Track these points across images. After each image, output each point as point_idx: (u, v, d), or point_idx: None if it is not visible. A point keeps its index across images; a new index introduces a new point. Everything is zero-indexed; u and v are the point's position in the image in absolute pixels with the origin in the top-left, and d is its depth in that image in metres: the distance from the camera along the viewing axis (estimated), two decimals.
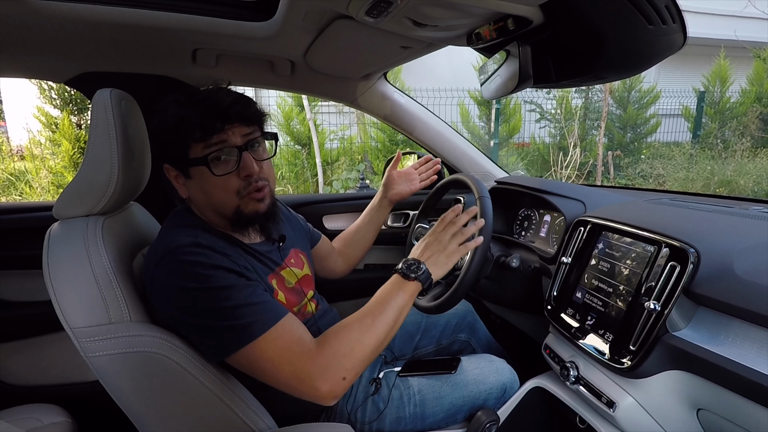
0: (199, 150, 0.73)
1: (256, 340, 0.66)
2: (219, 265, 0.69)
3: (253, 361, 0.67)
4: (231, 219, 0.79)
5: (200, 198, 0.78)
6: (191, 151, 0.73)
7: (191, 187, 0.78)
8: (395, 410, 0.94)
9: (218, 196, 0.76)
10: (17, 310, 1.20)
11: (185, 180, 0.78)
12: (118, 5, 0.86)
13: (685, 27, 0.67)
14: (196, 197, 0.79)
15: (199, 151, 0.73)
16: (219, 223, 0.82)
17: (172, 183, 0.80)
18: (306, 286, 0.94)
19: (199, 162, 0.73)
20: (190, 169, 0.75)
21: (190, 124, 0.71)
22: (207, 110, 0.72)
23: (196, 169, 0.74)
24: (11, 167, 5.03)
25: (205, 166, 0.73)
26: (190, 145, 0.73)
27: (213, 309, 0.67)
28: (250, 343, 0.66)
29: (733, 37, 6.57)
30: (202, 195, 0.77)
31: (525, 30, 0.73)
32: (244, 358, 0.67)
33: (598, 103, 6.46)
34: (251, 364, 0.68)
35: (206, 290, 0.67)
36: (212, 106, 0.72)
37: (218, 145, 0.73)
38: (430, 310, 1.01)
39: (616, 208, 1.00)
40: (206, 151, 0.73)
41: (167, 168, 0.78)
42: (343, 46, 1.02)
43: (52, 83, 4.53)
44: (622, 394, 0.79)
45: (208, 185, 0.75)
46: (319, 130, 5.30)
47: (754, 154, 5.61)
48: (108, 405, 0.73)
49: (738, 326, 0.65)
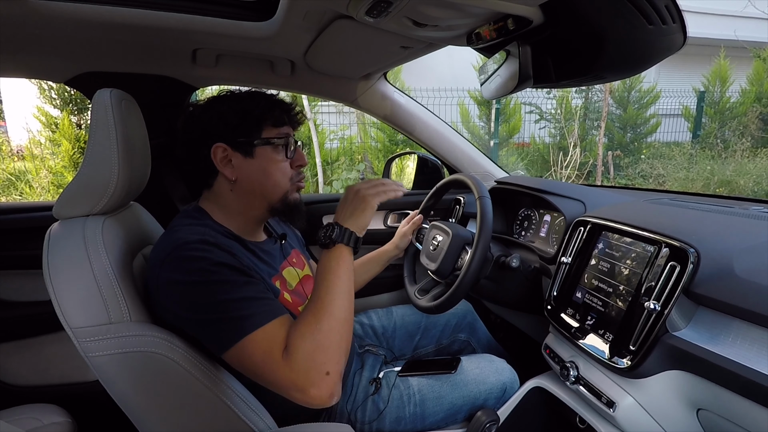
0: (273, 133, 0.83)
1: (246, 337, 0.65)
2: (224, 263, 0.70)
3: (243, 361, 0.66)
4: (275, 204, 0.85)
5: (255, 177, 0.82)
6: (265, 132, 0.82)
7: (249, 167, 0.82)
8: (395, 410, 0.94)
9: (276, 177, 0.83)
10: (17, 310, 1.20)
11: (243, 159, 0.81)
12: (118, 5, 0.86)
13: (685, 27, 0.67)
14: (250, 177, 0.82)
15: (273, 134, 0.83)
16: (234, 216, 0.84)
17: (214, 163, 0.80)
18: (307, 287, 0.94)
19: (271, 142, 0.82)
20: (257, 149, 0.81)
21: (273, 111, 0.82)
22: (282, 105, 0.85)
23: (264, 149, 0.82)
24: (11, 167, 5.03)
25: (272, 147, 0.82)
26: (265, 127, 0.82)
27: (214, 302, 0.67)
28: (241, 340, 0.65)
29: (733, 37, 6.58)
30: (259, 175, 0.82)
31: (525, 30, 0.73)
32: (236, 358, 0.66)
33: (598, 103, 6.46)
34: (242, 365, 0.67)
35: (210, 284, 0.67)
36: (285, 103, 0.86)
37: (286, 135, 0.84)
38: (430, 310, 1.01)
39: (616, 208, 1.00)
40: (277, 136, 0.83)
41: (219, 147, 0.80)
42: (343, 46, 1.02)
43: (52, 83, 4.54)
44: (622, 394, 0.79)
45: (271, 165, 0.82)
46: (319, 130, 5.31)
47: (754, 154, 5.60)
48: (108, 405, 0.73)
49: (738, 326, 0.65)
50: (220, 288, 0.67)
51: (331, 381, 0.64)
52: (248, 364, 0.66)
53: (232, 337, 0.65)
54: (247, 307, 0.67)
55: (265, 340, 0.65)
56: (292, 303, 0.86)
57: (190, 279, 0.67)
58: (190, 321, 0.69)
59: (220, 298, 0.67)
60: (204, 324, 0.68)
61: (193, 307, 0.68)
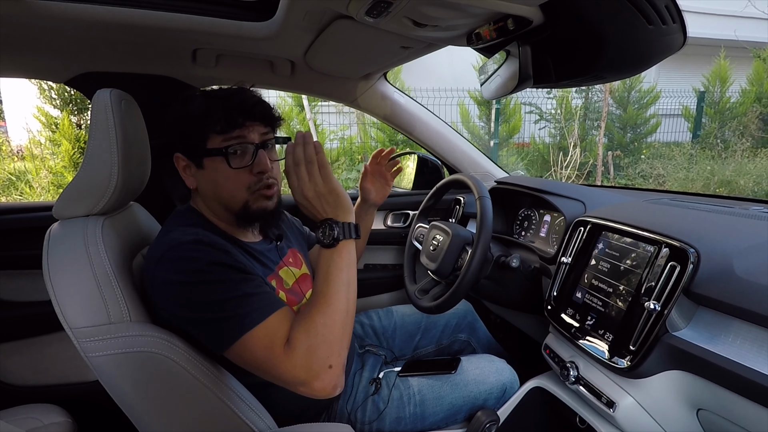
0: (218, 142, 0.76)
1: (247, 333, 0.65)
2: (220, 262, 0.69)
3: (246, 358, 0.66)
4: (237, 213, 0.80)
5: (209, 189, 0.79)
6: (210, 141, 0.76)
7: (202, 177, 0.79)
8: (395, 410, 0.94)
9: (229, 189, 0.78)
10: (17, 310, 1.20)
11: (196, 170, 0.79)
12: (118, 5, 0.86)
13: (685, 27, 0.67)
14: (205, 188, 0.80)
15: (218, 143, 0.76)
16: (222, 217, 0.82)
17: (179, 172, 0.80)
18: (304, 286, 0.94)
19: (217, 153, 0.75)
20: (205, 160, 0.77)
21: (215, 115, 0.74)
22: (232, 105, 0.76)
23: (212, 159, 0.76)
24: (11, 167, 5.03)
25: (221, 158, 0.75)
26: (209, 136, 0.75)
27: (212, 302, 0.67)
28: (242, 337, 0.65)
29: (733, 37, 6.58)
30: (212, 186, 0.78)
31: (525, 30, 0.73)
32: (238, 354, 0.67)
33: (598, 103, 6.46)
34: (245, 361, 0.67)
35: (206, 283, 0.67)
36: (238, 103, 0.76)
37: (237, 140, 0.76)
38: (430, 310, 1.01)
39: (616, 208, 1.00)
40: (225, 144, 0.75)
41: (178, 157, 0.79)
42: (343, 46, 1.02)
43: (52, 83, 4.54)
44: (622, 394, 0.79)
45: (221, 177, 0.77)
46: (319, 130, 5.31)
47: (754, 154, 5.60)
48: (108, 405, 0.73)
49: (738, 326, 0.65)
50: (216, 287, 0.67)
51: (334, 373, 0.65)
52: (250, 361, 0.66)
53: (231, 335, 0.65)
54: (246, 304, 0.67)
55: (266, 335, 0.66)
56: (289, 302, 0.85)
57: (186, 279, 0.67)
58: (188, 320, 0.69)
59: (218, 297, 0.66)
60: (202, 323, 0.68)
61: (190, 306, 0.68)
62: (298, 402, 0.88)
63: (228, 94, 0.77)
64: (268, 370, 0.65)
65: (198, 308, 0.67)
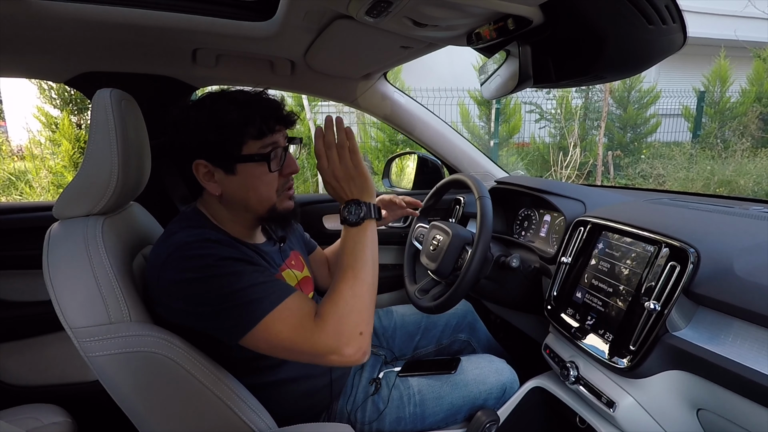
0: (256, 148, 0.77)
1: (269, 315, 0.67)
2: (227, 257, 0.70)
3: (271, 339, 0.67)
4: (263, 216, 0.82)
5: (238, 195, 0.79)
6: (246, 147, 0.76)
7: (231, 183, 0.78)
8: (395, 410, 0.94)
9: (262, 193, 0.79)
10: (17, 310, 1.20)
11: (224, 176, 0.78)
12: (118, 5, 0.86)
13: (685, 27, 0.67)
14: (233, 193, 0.79)
15: (256, 149, 0.77)
16: (236, 221, 0.83)
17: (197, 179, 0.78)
18: (306, 288, 0.94)
19: (258, 158, 0.77)
20: (238, 166, 0.77)
21: (253, 122, 0.75)
22: (265, 111, 0.77)
23: (245, 165, 0.77)
24: (11, 167, 5.03)
25: (257, 163, 0.77)
26: (246, 142, 0.76)
27: (224, 294, 0.67)
28: (263, 319, 0.66)
29: (733, 37, 6.57)
30: (242, 192, 0.79)
31: (525, 30, 0.73)
32: (262, 338, 0.67)
33: (598, 103, 6.46)
34: (270, 343, 0.68)
35: (218, 277, 0.67)
36: (269, 108, 0.78)
37: (272, 145, 0.78)
38: (430, 310, 1.01)
39: (616, 208, 1.00)
40: (263, 150, 0.77)
41: (201, 164, 0.77)
42: (343, 46, 1.02)
43: (52, 83, 4.54)
44: (622, 394, 0.79)
45: (255, 181, 0.78)
46: None
47: (754, 154, 5.61)
48: (108, 405, 0.73)
49: (738, 326, 0.65)
50: (229, 279, 0.68)
51: (363, 340, 0.69)
52: (276, 341, 0.67)
53: (251, 319, 0.66)
54: (261, 290, 0.68)
55: (291, 313, 0.68)
56: None
57: (196, 276, 0.67)
58: (201, 315, 0.68)
59: (233, 287, 0.67)
60: (218, 314, 0.67)
61: (203, 301, 0.68)
62: (297, 402, 0.89)
63: (256, 99, 0.78)
64: (298, 345, 0.67)
65: (212, 301, 0.67)
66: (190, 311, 0.69)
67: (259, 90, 0.82)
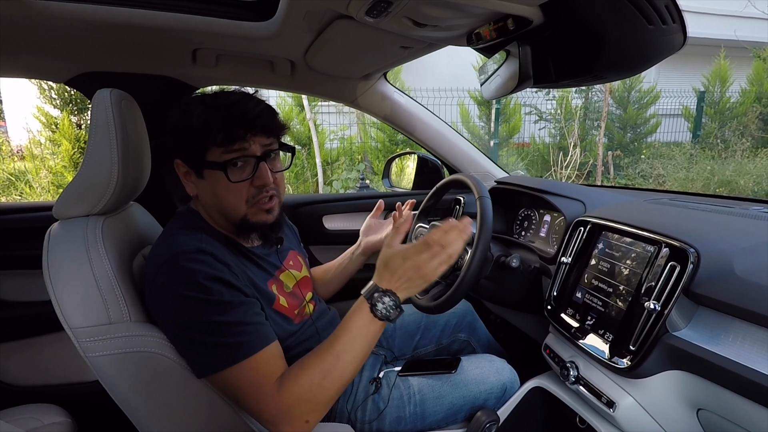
0: (218, 154, 0.73)
1: (239, 363, 0.67)
2: (219, 277, 0.70)
3: (229, 386, 0.68)
4: (236, 224, 0.80)
5: (208, 199, 0.79)
6: (210, 153, 0.73)
7: (201, 187, 0.78)
8: (395, 410, 0.94)
9: (228, 201, 0.77)
10: (17, 310, 1.20)
11: (196, 179, 0.78)
12: (118, 5, 0.86)
13: (685, 27, 0.67)
14: (204, 197, 0.79)
15: (218, 156, 0.73)
16: (222, 224, 0.82)
17: (180, 177, 0.80)
18: (304, 288, 0.94)
19: (217, 166, 0.73)
20: (205, 171, 0.75)
21: (214, 128, 0.71)
22: (233, 117, 0.72)
23: (211, 171, 0.75)
24: (11, 167, 5.03)
25: (220, 171, 0.73)
26: (209, 148, 0.73)
27: (206, 322, 0.67)
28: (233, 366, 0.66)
29: (733, 37, 6.57)
30: (211, 197, 0.78)
31: (525, 30, 0.73)
32: (222, 381, 0.68)
33: (598, 103, 6.46)
34: (226, 388, 0.69)
35: (203, 302, 0.67)
36: (239, 114, 0.73)
37: (238, 152, 0.74)
38: (430, 310, 1.00)
39: (616, 208, 1.00)
40: (225, 157, 0.73)
41: (179, 163, 0.78)
42: (343, 46, 1.02)
43: (52, 83, 4.53)
44: (622, 394, 0.79)
45: (219, 189, 0.75)
46: (319, 130, 5.31)
47: (754, 154, 5.61)
48: (108, 405, 0.73)
49: (738, 326, 0.65)
50: (213, 308, 0.67)
51: (306, 428, 0.68)
52: (233, 389, 0.68)
53: (224, 362, 0.67)
54: (241, 333, 0.68)
55: (256, 371, 0.67)
56: (288, 307, 0.86)
57: (183, 292, 0.67)
58: (177, 336, 0.70)
59: (213, 318, 0.67)
60: (192, 343, 0.69)
61: (183, 323, 0.68)
62: None
63: (229, 104, 0.73)
64: (247, 402, 0.67)
65: (191, 327, 0.68)
66: (170, 328, 0.70)
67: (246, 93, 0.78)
